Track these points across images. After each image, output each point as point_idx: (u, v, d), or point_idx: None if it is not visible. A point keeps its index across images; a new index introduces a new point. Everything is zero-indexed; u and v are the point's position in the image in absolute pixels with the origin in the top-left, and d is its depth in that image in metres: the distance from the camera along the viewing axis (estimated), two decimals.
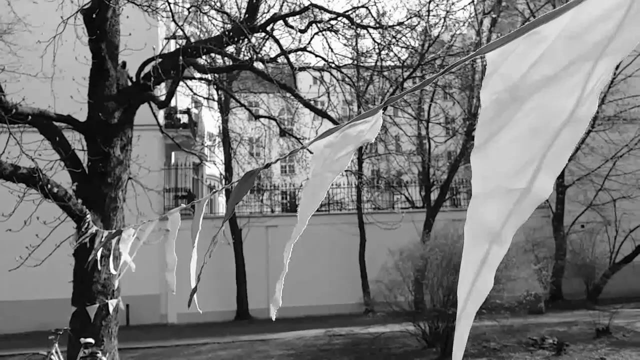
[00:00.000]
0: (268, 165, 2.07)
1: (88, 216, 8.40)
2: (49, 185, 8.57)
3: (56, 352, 9.05)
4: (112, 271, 6.04)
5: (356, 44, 18.00)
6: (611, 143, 20.14)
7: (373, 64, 17.36)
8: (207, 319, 19.13)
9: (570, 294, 19.44)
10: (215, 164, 23.54)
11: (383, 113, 1.62)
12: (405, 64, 16.14)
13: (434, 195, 21.11)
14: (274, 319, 1.85)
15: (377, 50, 15.83)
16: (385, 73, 16.04)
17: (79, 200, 9.04)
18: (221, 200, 24.43)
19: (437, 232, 13.42)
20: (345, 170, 19.58)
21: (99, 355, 8.80)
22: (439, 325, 11.13)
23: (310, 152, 1.71)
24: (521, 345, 11.55)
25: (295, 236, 1.68)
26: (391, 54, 15.65)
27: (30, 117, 8.96)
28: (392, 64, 16.55)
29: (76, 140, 10.25)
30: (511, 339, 12.03)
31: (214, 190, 2.60)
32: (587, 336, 12.17)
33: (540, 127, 1.08)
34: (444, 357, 10.66)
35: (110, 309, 9.55)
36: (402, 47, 15.23)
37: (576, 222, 20.50)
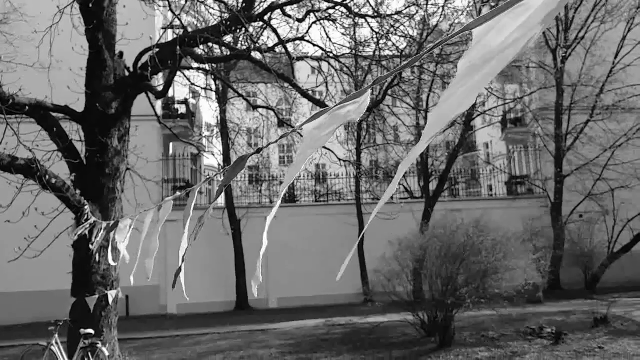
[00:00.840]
0: (259, 150, 2.07)
1: (86, 207, 8.37)
2: (47, 176, 8.54)
3: (56, 343, 9.07)
4: (111, 262, 6.02)
5: (354, 33, 17.94)
6: (610, 133, 20.12)
7: (371, 53, 17.31)
8: (207, 309, 19.18)
9: (569, 284, 19.50)
10: (213, 155, 23.49)
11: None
12: (403, 53, 16.08)
13: (432, 186, 21.12)
14: (256, 295, 1.88)
15: (375, 40, 15.77)
16: (384, 62, 15.99)
17: (78, 191, 9.02)
18: None
19: (436, 222, 13.42)
20: (344, 161, 19.54)
21: (99, 345, 8.82)
22: (438, 315, 11.16)
23: (301, 135, 1.73)
24: (519, 334, 11.59)
25: (272, 212, 1.73)
26: (389, 43, 15.59)
27: (27, 107, 8.91)
28: (391, 53, 16.48)
29: (74, 131, 10.20)
30: (509, 329, 12.07)
31: (208, 177, 2.58)
32: (585, 325, 12.21)
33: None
34: (443, 347, 10.70)
35: (110, 299, 9.55)
36: (400, 36, 15.18)
37: (574, 211, 20.53)
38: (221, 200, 23.69)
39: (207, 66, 13.29)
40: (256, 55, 12.26)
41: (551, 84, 20.72)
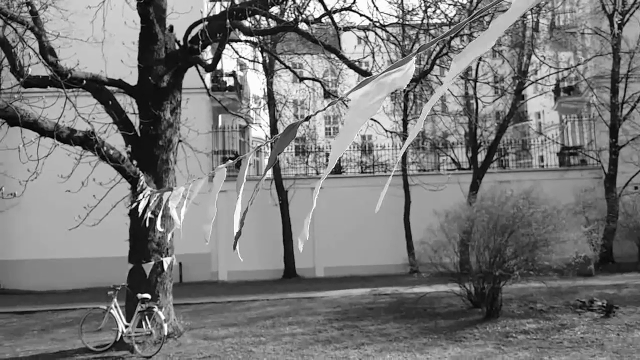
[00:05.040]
0: (308, 118, 2.14)
1: (142, 178, 8.69)
2: (105, 148, 8.89)
3: (115, 307, 9.53)
4: (159, 229, 6.31)
5: (401, 1, 17.63)
6: None
7: (419, 22, 16.99)
8: (256, 277, 19.68)
9: (622, 257, 18.99)
10: (261, 127, 23.76)
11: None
12: (452, 21, 15.70)
13: (480, 157, 20.78)
14: (301, 250, 1.98)
15: (423, 8, 15.47)
16: (432, 31, 15.67)
17: (134, 162, 9.35)
18: (267, 162, 24.77)
19: (484, 193, 13.27)
20: (390, 132, 19.41)
21: (155, 309, 9.23)
22: (485, 286, 11.13)
23: (346, 105, 1.80)
24: (569, 307, 11.45)
25: (324, 175, 1.81)
26: (438, 11, 15.27)
27: (84, 81, 9.24)
28: (439, 21, 16.13)
29: (127, 104, 10.54)
30: (559, 301, 11.94)
31: (259, 146, 2.68)
32: (638, 299, 11.95)
33: None
34: (489, 318, 10.70)
35: (165, 266, 9.96)
36: (449, 4, 14.85)
37: (629, 183, 19.85)
38: (269, 172, 24.01)
39: (254, 38, 13.39)
40: (303, 26, 12.25)
41: (607, 51, 19.87)
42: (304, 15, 12.09)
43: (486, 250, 11.12)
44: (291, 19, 12.35)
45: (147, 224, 8.41)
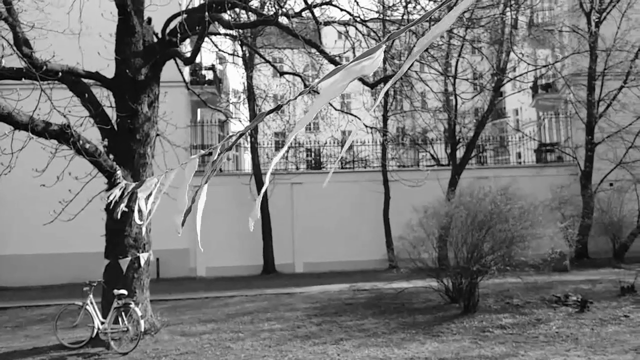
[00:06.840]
0: (279, 107, 2.14)
1: (118, 172, 8.58)
2: (81, 142, 8.74)
3: (91, 303, 9.40)
4: (137, 221, 6.24)
5: None
6: None
7: (399, 17, 17.01)
8: (235, 273, 19.59)
9: (597, 253, 19.33)
10: (240, 121, 23.57)
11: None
12: (432, 17, 15.73)
13: (459, 153, 20.93)
14: (251, 229, 2.03)
15: (403, 3, 15.48)
16: (412, 27, 15.71)
17: (111, 156, 9.22)
18: (247, 157, 24.62)
19: (463, 189, 13.37)
20: (370, 128, 19.41)
21: (132, 305, 9.13)
22: (463, 281, 11.23)
23: (317, 92, 1.82)
24: (544, 302, 11.61)
25: (282, 151, 1.94)
26: (418, 6, 15.30)
27: (60, 73, 9.07)
28: (419, 17, 16.16)
29: (104, 97, 10.37)
30: (534, 296, 12.10)
31: (230, 135, 2.66)
32: (612, 294, 12.17)
33: None
34: (467, 312, 10.79)
35: (142, 262, 9.84)
36: None
37: (605, 180, 20.18)
38: (247, 167, 23.90)
39: (234, 32, 13.26)
40: (283, 20, 12.17)
41: (584, 49, 20.14)
42: (284, 9, 12.01)
43: (464, 246, 11.22)
44: (271, 13, 12.26)
45: (121, 218, 8.30)
